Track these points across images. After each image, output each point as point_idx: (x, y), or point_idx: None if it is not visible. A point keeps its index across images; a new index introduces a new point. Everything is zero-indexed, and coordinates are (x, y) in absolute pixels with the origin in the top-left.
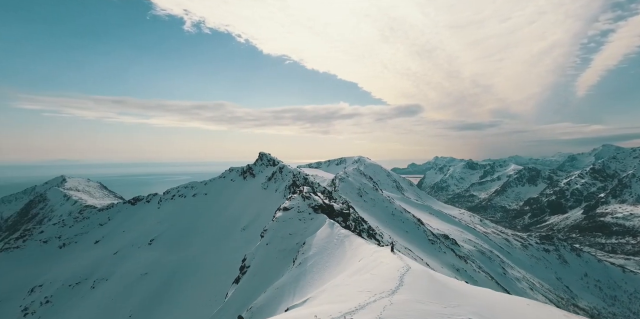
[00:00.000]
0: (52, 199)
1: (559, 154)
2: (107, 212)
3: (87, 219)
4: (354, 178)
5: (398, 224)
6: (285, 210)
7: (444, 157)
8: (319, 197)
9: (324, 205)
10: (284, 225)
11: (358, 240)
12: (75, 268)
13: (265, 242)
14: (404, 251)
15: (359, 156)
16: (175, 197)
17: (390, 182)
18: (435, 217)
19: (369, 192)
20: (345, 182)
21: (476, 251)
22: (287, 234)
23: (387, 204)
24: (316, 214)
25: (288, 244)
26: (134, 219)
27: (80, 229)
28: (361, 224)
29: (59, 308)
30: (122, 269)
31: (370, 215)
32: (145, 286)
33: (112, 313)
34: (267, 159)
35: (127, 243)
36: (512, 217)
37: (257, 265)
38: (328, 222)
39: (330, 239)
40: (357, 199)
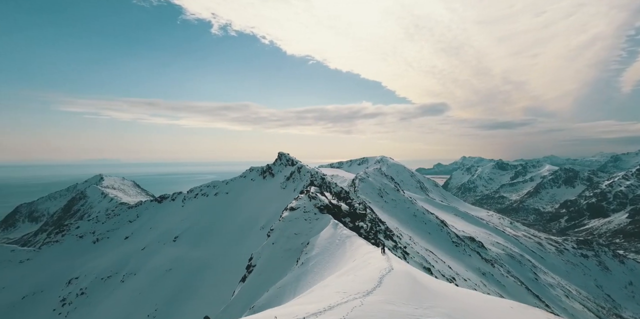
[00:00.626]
0: (91, 197)
1: (600, 154)
2: (135, 210)
3: (117, 216)
4: (375, 178)
5: (420, 225)
6: (292, 210)
7: (471, 158)
8: (325, 198)
9: (330, 205)
10: (290, 225)
11: (359, 241)
12: (107, 262)
13: (271, 241)
14: (424, 253)
15: (382, 156)
16: (198, 196)
17: (413, 183)
18: (460, 219)
19: (390, 193)
20: (365, 183)
21: (505, 254)
22: (293, 234)
23: (409, 205)
24: (322, 214)
25: (293, 244)
26: (160, 216)
27: (112, 226)
28: (378, 225)
29: (92, 299)
30: (148, 265)
31: (391, 216)
32: (170, 281)
33: (140, 306)
34: (286, 159)
35: (154, 239)
36: (546, 220)
37: (262, 264)
38: (332, 223)
39: (332, 240)
40: (377, 200)
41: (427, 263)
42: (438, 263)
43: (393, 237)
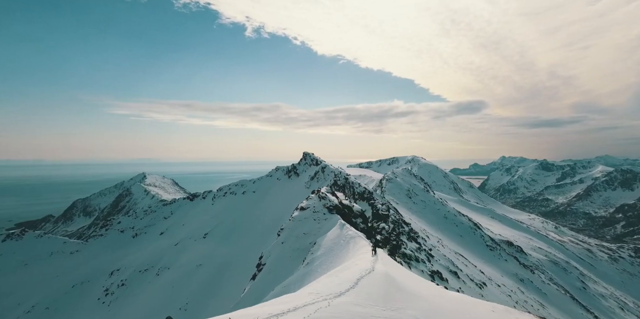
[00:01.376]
0: (136, 194)
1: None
2: (170, 207)
3: (154, 213)
4: (403, 179)
5: (451, 227)
6: (302, 210)
7: (512, 157)
8: (335, 198)
9: (339, 206)
10: (299, 224)
11: (362, 242)
12: (144, 256)
13: (280, 240)
14: (453, 256)
15: (413, 156)
16: (227, 195)
17: (447, 184)
18: (497, 221)
19: (419, 194)
20: (393, 183)
21: (547, 261)
22: (302, 234)
23: (439, 206)
24: (330, 214)
25: (302, 244)
26: (192, 213)
27: (149, 221)
28: (402, 226)
29: (131, 290)
30: (181, 260)
31: (420, 217)
32: (200, 276)
33: (173, 299)
34: (311, 158)
35: (186, 235)
36: (599, 225)
37: (272, 263)
38: (339, 224)
39: (338, 241)
40: (405, 201)
41: (455, 266)
42: (468, 267)
43: (417, 239)
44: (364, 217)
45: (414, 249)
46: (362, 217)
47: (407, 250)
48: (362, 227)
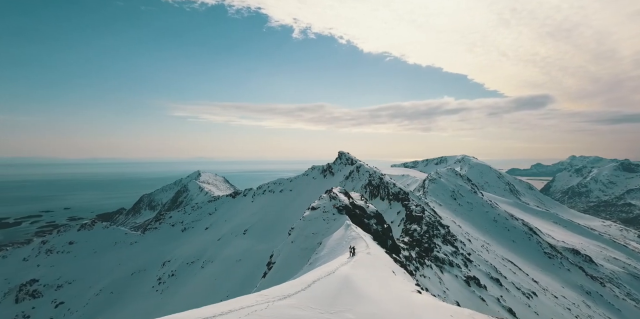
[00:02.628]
0: (191, 190)
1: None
2: (214, 204)
3: (200, 209)
4: (448, 179)
5: (501, 231)
6: (313, 209)
7: (584, 157)
8: (346, 198)
9: (350, 206)
10: (309, 224)
11: (362, 243)
12: (191, 249)
13: (290, 240)
14: (499, 262)
15: (463, 155)
16: (265, 193)
17: (501, 185)
18: (561, 227)
19: (465, 195)
20: (436, 184)
21: (625, 273)
22: (311, 234)
23: (488, 208)
24: (340, 214)
25: (310, 244)
26: (234, 210)
27: (196, 217)
28: (437, 228)
29: (180, 280)
30: (223, 254)
31: (465, 220)
32: (239, 271)
33: (215, 290)
34: (346, 158)
35: (228, 231)
36: None
37: (281, 262)
38: (345, 224)
39: (340, 241)
40: (449, 202)
41: (498, 273)
42: (517, 275)
43: (454, 243)
44: (379, 218)
45: (448, 253)
46: (377, 218)
47: (440, 253)
48: (375, 229)
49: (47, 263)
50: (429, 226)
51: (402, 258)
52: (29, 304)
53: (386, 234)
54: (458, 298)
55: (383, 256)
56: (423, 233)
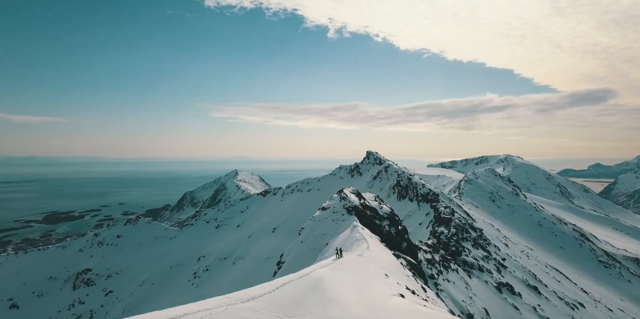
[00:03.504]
0: (229, 188)
1: None
2: (246, 202)
3: (232, 207)
4: (486, 180)
5: (547, 237)
6: (323, 210)
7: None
8: (357, 199)
9: (359, 206)
10: (318, 224)
11: (363, 245)
12: (224, 246)
13: (300, 240)
14: (541, 269)
15: (506, 155)
16: (294, 192)
17: (551, 187)
18: (623, 234)
19: (505, 197)
20: (472, 185)
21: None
22: (320, 234)
23: (532, 212)
24: (349, 215)
25: (319, 244)
26: (264, 208)
27: (229, 214)
28: (467, 232)
29: (214, 275)
30: (253, 251)
31: (504, 223)
32: (268, 268)
33: (245, 287)
34: (374, 157)
35: (258, 228)
36: None
37: (290, 262)
38: (352, 225)
39: (345, 243)
40: (488, 204)
41: (537, 280)
42: (562, 283)
43: (487, 247)
44: (392, 219)
45: (479, 258)
46: (391, 219)
47: (469, 257)
48: (388, 230)
49: (99, 254)
50: (458, 228)
51: (420, 260)
52: (84, 291)
53: (401, 235)
54: (486, 304)
55: (385, 257)
56: (450, 236)
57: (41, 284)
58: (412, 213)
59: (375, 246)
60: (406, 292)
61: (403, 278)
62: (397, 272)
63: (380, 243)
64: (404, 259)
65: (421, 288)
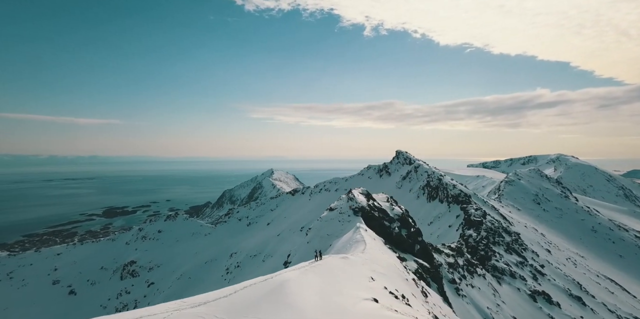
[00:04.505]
0: (265, 187)
1: None
2: (276, 201)
3: (263, 205)
4: (530, 181)
5: (603, 243)
6: (330, 210)
7: None
8: (364, 200)
9: (366, 208)
10: (325, 225)
11: (361, 247)
12: (254, 243)
13: (306, 240)
14: (591, 279)
15: (558, 154)
16: (322, 191)
17: (612, 189)
18: None
19: (552, 200)
20: (514, 186)
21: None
22: (326, 235)
23: (585, 216)
24: (355, 216)
25: (324, 245)
26: (293, 207)
27: (260, 212)
28: (500, 236)
29: (244, 271)
30: (281, 249)
31: (551, 228)
32: None
33: None
34: (404, 157)
35: (286, 227)
36: None
37: (296, 262)
38: (355, 227)
39: (346, 244)
40: (531, 207)
41: (583, 290)
42: (616, 295)
43: (522, 253)
44: (404, 221)
45: (512, 263)
46: (402, 221)
47: (500, 263)
48: (398, 232)
49: (142, 248)
50: (489, 232)
51: (440, 264)
52: (129, 281)
53: (413, 238)
54: (517, 313)
55: (383, 260)
56: (479, 240)
57: (94, 273)
58: (441, 215)
59: (374, 248)
60: (387, 296)
61: (398, 281)
62: (392, 275)
63: (383, 245)
64: (415, 263)
65: (421, 292)
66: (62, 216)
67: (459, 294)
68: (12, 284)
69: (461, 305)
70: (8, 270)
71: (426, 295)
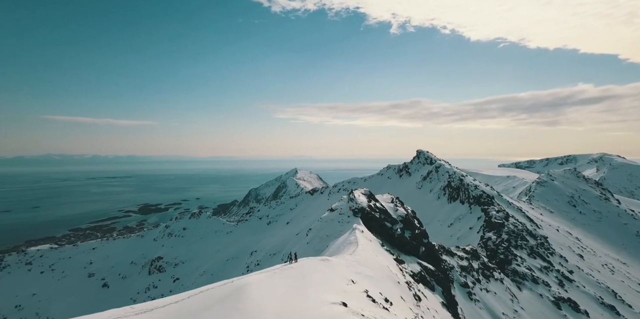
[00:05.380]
0: (289, 186)
1: None
2: (295, 200)
3: (283, 204)
4: (564, 182)
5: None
6: (331, 211)
7: None
8: (365, 200)
9: (366, 208)
10: (325, 226)
11: (352, 249)
12: (274, 242)
13: (306, 241)
14: (634, 288)
15: (601, 154)
16: (340, 191)
17: None
18: None
19: (590, 202)
20: (546, 187)
21: None
22: (325, 236)
23: (629, 220)
24: (354, 217)
25: (323, 246)
26: (312, 207)
27: (280, 211)
28: (523, 239)
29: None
30: None
31: (588, 232)
32: None
33: None
34: (425, 157)
35: (305, 226)
36: None
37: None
38: (351, 228)
39: (340, 246)
40: (566, 210)
41: (618, 299)
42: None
43: (548, 257)
44: (408, 222)
45: (535, 268)
46: (406, 222)
47: (521, 267)
48: (400, 234)
49: (169, 244)
50: (511, 235)
51: (452, 266)
52: (157, 276)
53: (418, 239)
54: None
55: (373, 262)
56: (499, 243)
57: (125, 267)
58: (462, 216)
59: (367, 250)
60: (363, 300)
61: (387, 284)
62: (380, 278)
63: (380, 247)
64: (418, 265)
65: (414, 296)
66: (102, 212)
67: (471, 298)
68: (53, 275)
69: (473, 310)
70: (50, 262)
71: (419, 299)
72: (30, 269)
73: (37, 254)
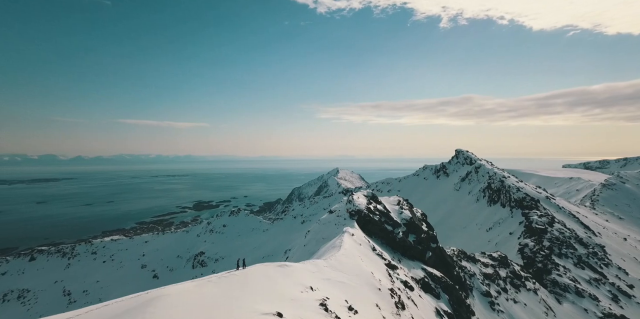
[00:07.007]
0: (331, 185)
1: None
2: (328, 200)
3: (317, 204)
4: (639, 185)
5: None
6: (330, 213)
7: None
8: (364, 201)
9: (364, 211)
10: (322, 228)
11: (333, 253)
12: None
13: (303, 243)
14: None
15: None
16: (374, 192)
17: None
18: None
19: None
20: (615, 191)
21: None
22: (321, 238)
23: None
24: (350, 219)
25: (317, 249)
26: None
27: (313, 211)
28: (570, 247)
29: None
30: None
31: None
32: None
33: None
34: (464, 157)
35: None
36: None
37: None
38: (342, 231)
39: (327, 250)
40: (639, 216)
41: None
42: None
43: (600, 268)
44: (412, 226)
45: (583, 280)
46: (410, 226)
47: (563, 278)
48: (401, 238)
49: (210, 240)
50: (554, 242)
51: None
52: (199, 270)
53: (425, 244)
54: None
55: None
56: (537, 250)
57: (172, 260)
58: (502, 221)
59: (353, 255)
60: (312, 309)
61: (362, 291)
62: (355, 285)
63: (370, 251)
64: (422, 271)
65: (395, 304)
66: (163, 208)
67: (494, 308)
68: (113, 265)
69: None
70: (111, 253)
71: (403, 307)
72: (95, 259)
73: (100, 245)
